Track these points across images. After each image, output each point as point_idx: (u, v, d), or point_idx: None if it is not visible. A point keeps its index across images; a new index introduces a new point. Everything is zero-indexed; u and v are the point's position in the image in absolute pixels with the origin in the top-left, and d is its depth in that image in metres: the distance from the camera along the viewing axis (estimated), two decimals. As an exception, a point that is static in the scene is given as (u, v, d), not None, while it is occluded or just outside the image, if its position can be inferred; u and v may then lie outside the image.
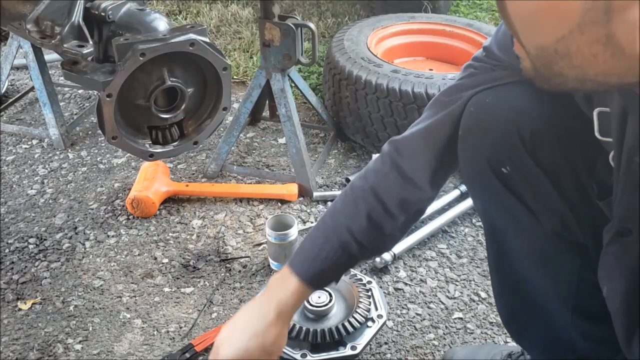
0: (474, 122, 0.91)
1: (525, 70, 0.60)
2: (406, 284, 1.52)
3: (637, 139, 0.66)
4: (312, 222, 1.71)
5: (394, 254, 1.55)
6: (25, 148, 2.11)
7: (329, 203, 1.79)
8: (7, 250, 1.64)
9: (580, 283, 0.91)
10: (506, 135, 0.86)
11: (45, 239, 1.68)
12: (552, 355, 1.02)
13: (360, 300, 1.28)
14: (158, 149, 1.25)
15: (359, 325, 1.23)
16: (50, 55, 2.47)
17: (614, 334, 0.78)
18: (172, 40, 1.10)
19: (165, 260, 1.60)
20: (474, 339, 1.38)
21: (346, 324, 1.22)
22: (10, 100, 2.36)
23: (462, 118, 0.92)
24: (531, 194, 0.88)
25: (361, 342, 1.23)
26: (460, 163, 0.96)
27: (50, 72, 2.13)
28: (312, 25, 1.69)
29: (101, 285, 1.52)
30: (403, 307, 1.45)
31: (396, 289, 1.50)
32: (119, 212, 1.77)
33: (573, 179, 0.85)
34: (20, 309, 1.46)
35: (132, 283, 1.53)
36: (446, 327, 1.40)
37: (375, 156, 1.89)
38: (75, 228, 1.72)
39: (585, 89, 0.57)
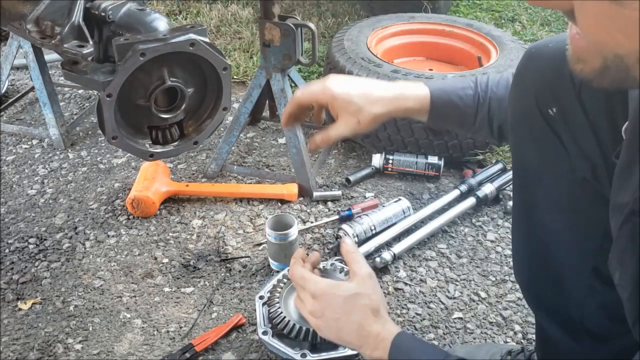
0: (530, 62, 0.96)
1: (586, 72, 0.61)
2: (406, 283, 1.52)
3: None
4: (312, 222, 1.71)
5: (394, 254, 1.55)
6: (25, 148, 2.11)
7: (329, 203, 1.80)
8: (7, 250, 1.64)
9: (604, 241, 0.92)
10: (559, 75, 0.90)
11: (45, 239, 1.68)
12: (564, 327, 1.03)
13: (360, 300, 1.28)
14: (158, 149, 1.25)
15: (359, 325, 1.23)
16: (50, 55, 2.47)
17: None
18: (172, 40, 1.10)
19: (166, 260, 1.60)
20: (474, 338, 1.38)
21: (346, 323, 1.22)
22: (10, 100, 2.36)
23: (521, 59, 0.97)
24: (571, 137, 0.92)
25: (361, 342, 1.23)
26: (509, 101, 1.00)
27: (50, 72, 2.13)
28: (312, 25, 1.69)
29: (101, 285, 1.52)
30: (403, 307, 1.45)
31: (396, 289, 1.50)
32: (119, 212, 1.77)
33: (611, 129, 0.87)
34: (20, 309, 1.46)
35: (132, 283, 1.53)
36: (446, 327, 1.40)
37: (375, 156, 1.90)
38: (75, 228, 1.72)
39: (626, 85, 0.58)
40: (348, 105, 1.04)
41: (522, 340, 1.37)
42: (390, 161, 1.89)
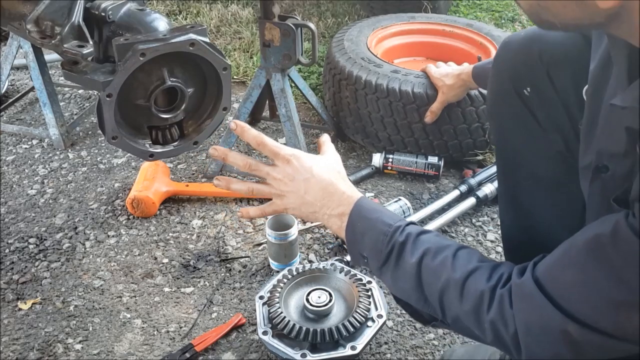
0: (505, 49, 1.06)
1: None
2: (406, 284, 1.52)
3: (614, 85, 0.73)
4: (312, 222, 1.71)
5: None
6: (26, 148, 2.11)
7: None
8: (7, 250, 1.64)
9: (584, 213, 0.94)
10: (530, 57, 1.00)
11: (45, 239, 1.68)
12: None
13: (360, 300, 1.28)
14: (158, 149, 1.24)
15: (358, 325, 1.23)
16: (50, 55, 2.47)
17: None
18: (172, 40, 1.10)
19: (166, 260, 1.60)
20: (474, 338, 1.38)
21: (346, 324, 1.22)
22: (11, 100, 2.37)
23: (497, 49, 1.09)
24: (545, 113, 0.99)
25: (361, 342, 1.23)
26: (489, 88, 1.10)
27: (50, 72, 2.13)
28: (312, 25, 1.69)
29: (101, 285, 1.52)
30: (403, 307, 1.45)
31: (396, 289, 1.50)
32: (119, 212, 1.77)
33: (578, 101, 0.92)
34: (20, 309, 1.46)
35: (132, 283, 1.53)
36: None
37: (375, 156, 1.90)
38: (76, 228, 1.72)
39: (570, 30, 0.73)
40: (436, 81, 1.74)
41: (522, 340, 1.36)
42: (390, 160, 1.89)
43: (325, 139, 1.06)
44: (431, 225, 1.65)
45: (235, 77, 2.50)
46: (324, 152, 1.03)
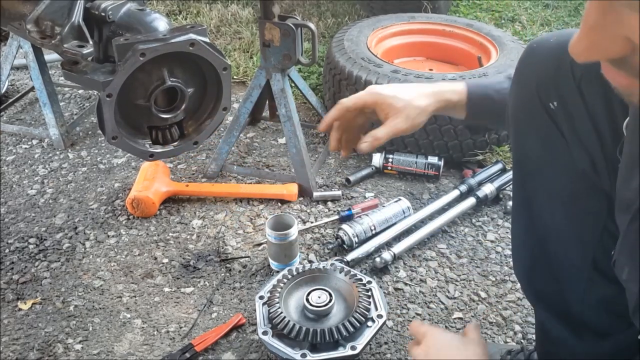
0: (531, 56, 0.97)
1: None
2: (406, 283, 1.52)
3: None
4: (312, 222, 1.71)
5: (394, 254, 1.55)
6: (25, 148, 2.11)
7: (329, 203, 1.80)
8: (7, 250, 1.64)
9: (604, 234, 0.92)
10: (560, 68, 0.91)
11: (45, 239, 1.68)
12: (565, 323, 1.03)
13: (360, 300, 1.28)
14: (158, 149, 1.25)
15: (358, 325, 1.23)
16: (50, 55, 2.47)
17: (626, 304, 0.78)
18: (172, 41, 1.10)
19: (166, 260, 1.60)
20: (474, 339, 1.37)
21: (346, 323, 1.22)
22: (11, 100, 2.37)
23: (522, 53, 0.98)
24: (571, 129, 0.92)
25: (361, 342, 1.23)
26: (511, 95, 1.01)
27: (50, 72, 2.13)
28: (312, 25, 1.69)
29: (101, 285, 1.52)
30: (403, 307, 1.45)
31: (396, 289, 1.50)
32: (119, 212, 1.77)
33: (609, 121, 0.87)
34: (20, 309, 1.46)
35: (132, 283, 1.53)
36: (446, 327, 1.40)
37: (375, 156, 1.90)
38: (76, 228, 1.72)
39: None
40: (396, 102, 1.07)
41: (522, 341, 1.37)
42: (390, 160, 1.89)
43: (474, 327, 1.08)
44: (431, 225, 1.65)
45: (235, 77, 2.51)
46: (468, 335, 1.06)
